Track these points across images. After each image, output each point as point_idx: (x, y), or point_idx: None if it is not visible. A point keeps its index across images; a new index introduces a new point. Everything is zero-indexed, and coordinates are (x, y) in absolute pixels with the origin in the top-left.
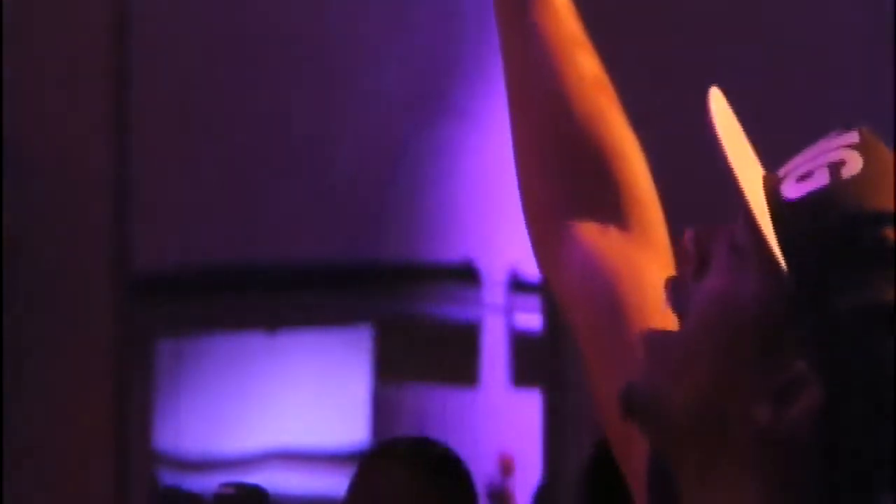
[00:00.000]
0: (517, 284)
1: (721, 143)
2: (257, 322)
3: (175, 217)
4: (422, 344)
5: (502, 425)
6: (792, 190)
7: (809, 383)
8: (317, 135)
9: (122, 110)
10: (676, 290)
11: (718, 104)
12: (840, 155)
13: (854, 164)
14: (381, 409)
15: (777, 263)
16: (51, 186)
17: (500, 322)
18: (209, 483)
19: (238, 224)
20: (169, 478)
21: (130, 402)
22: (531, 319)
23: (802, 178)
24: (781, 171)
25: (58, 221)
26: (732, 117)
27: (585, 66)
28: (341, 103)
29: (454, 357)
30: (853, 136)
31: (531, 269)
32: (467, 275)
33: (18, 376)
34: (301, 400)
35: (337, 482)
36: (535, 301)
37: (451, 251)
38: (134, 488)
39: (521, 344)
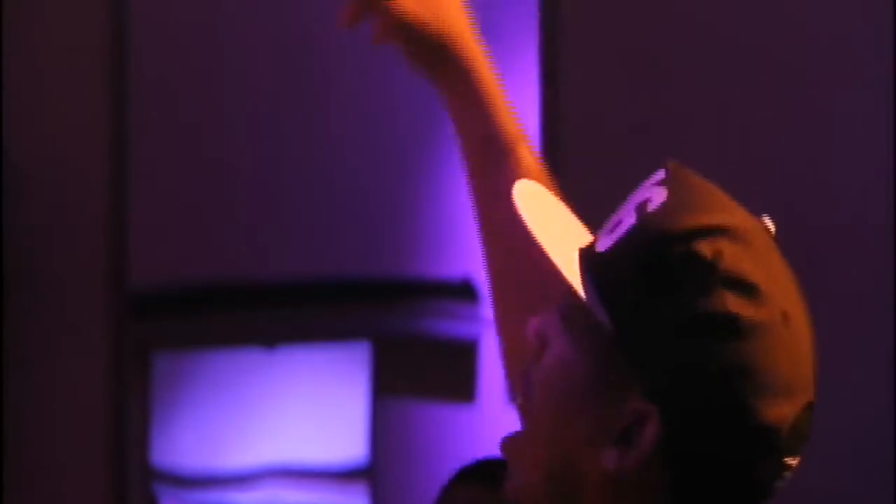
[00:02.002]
0: None
1: (531, 233)
2: (255, 338)
3: (172, 232)
4: (419, 360)
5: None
6: (604, 242)
7: (648, 419)
8: (314, 151)
9: (121, 126)
10: (524, 379)
11: (529, 192)
12: (646, 194)
13: (659, 198)
14: (379, 424)
15: (593, 314)
16: (48, 202)
17: None
18: (207, 499)
19: (235, 240)
20: (166, 494)
21: (128, 417)
22: None
23: (613, 228)
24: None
25: (54, 237)
26: (545, 196)
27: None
28: (339, 121)
29: (452, 373)
30: (660, 174)
31: None
32: (465, 291)
33: (14, 393)
34: (298, 416)
35: (335, 498)
36: None
37: (449, 267)
38: None
39: None
